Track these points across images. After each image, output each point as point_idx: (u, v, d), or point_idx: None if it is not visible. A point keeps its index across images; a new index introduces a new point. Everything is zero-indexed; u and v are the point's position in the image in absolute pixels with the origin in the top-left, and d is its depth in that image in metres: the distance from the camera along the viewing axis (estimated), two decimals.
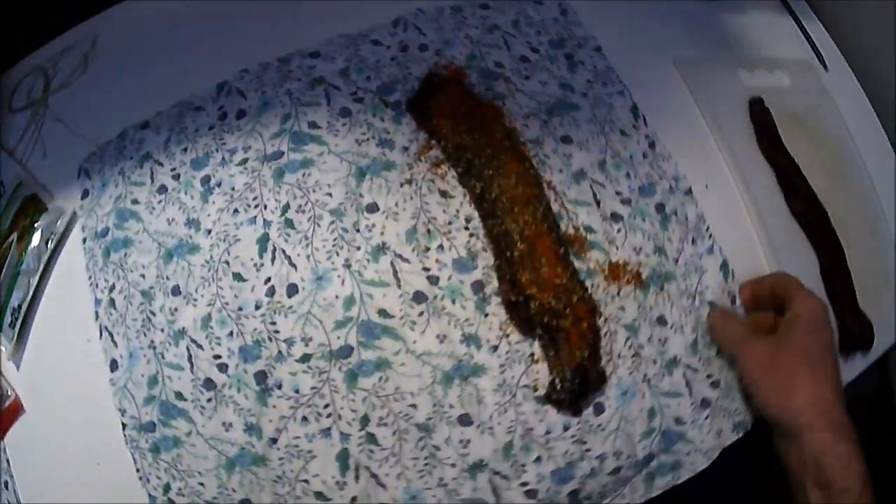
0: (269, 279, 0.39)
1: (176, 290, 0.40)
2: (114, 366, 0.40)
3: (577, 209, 0.40)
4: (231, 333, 0.38)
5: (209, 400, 0.38)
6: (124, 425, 0.39)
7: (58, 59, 0.54)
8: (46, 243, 0.47)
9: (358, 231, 0.39)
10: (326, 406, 0.37)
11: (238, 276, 0.39)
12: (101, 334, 0.41)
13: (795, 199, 0.46)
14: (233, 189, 0.41)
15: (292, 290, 0.38)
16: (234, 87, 0.45)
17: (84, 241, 0.45)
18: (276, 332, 0.38)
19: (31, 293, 0.46)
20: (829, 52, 0.54)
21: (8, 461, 0.42)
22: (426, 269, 0.38)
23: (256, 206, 0.41)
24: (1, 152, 0.52)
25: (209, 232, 0.41)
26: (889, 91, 0.52)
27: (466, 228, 0.39)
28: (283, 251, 0.39)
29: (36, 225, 0.48)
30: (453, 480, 0.36)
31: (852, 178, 0.50)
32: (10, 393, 0.45)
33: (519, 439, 0.37)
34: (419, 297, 0.38)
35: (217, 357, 0.38)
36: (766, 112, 0.47)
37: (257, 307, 0.38)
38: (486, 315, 0.38)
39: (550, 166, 0.41)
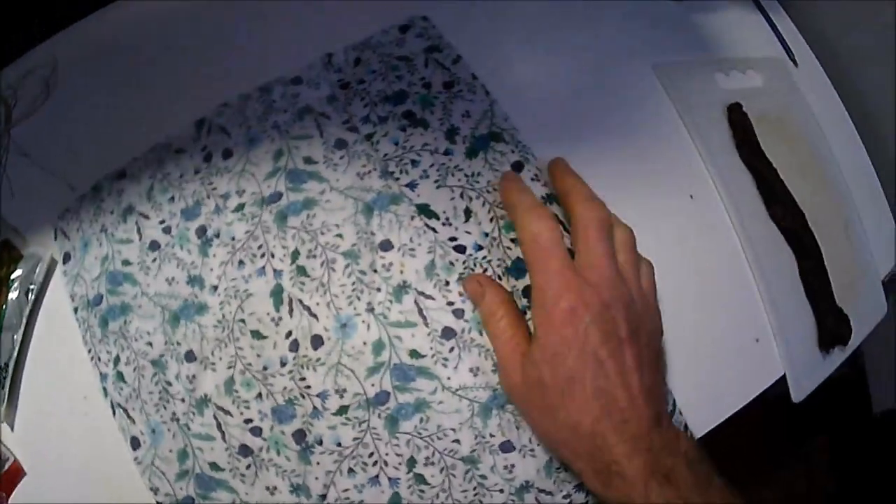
0: (290, 333, 0.37)
1: (190, 356, 0.38)
2: (135, 443, 0.38)
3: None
4: (259, 395, 0.37)
5: (248, 466, 0.36)
6: None
7: (17, 86, 0.49)
8: (27, 295, 0.44)
9: (375, 272, 0.38)
10: (371, 454, 0.36)
11: (257, 334, 0.37)
12: (113, 412, 0.39)
13: (775, 204, 0.46)
14: (233, 239, 0.39)
15: (317, 341, 0.37)
16: (214, 123, 0.42)
17: (76, 310, 0.42)
18: (308, 387, 0.37)
19: (16, 350, 0.43)
20: (798, 48, 0.54)
21: None
22: (450, 304, 0.37)
23: (263, 256, 0.38)
24: None
25: (215, 289, 0.38)
26: (858, 84, 0.53)
27: (485, 257, 0.38)
28: (301, 301, 0.37)
29: (13, 276, 0.44)
30: None
31: (825, 176, 0.51)
32: (7, 456, 0.43)
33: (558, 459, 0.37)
34: (448, 332, 0.37)
35: (248, 421, 0.37)
36: (744, 117, 0.47)
37: (283, 364, 0.37)
38: None
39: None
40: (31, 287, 0.44)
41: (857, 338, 0.48)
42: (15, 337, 0.44)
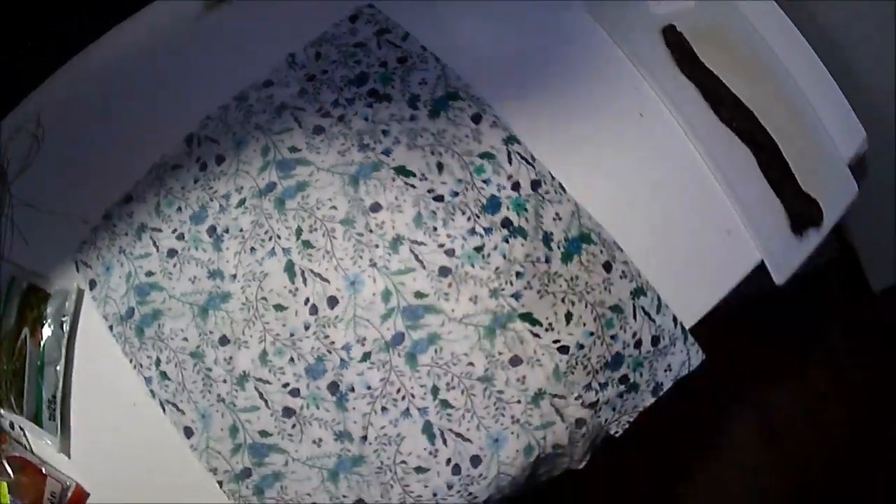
0: (307, 299, 0.42)
1: (224, 340, 0.42)
2: (188, 433, 0.43)
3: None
4: (291, 359, 0.41)
5: (293, 426, 0.41)
6: (220, 482, 0.42)
7: (5, 148, 0.53)
8: (61, 327, 0.48)
9: (371, 231, 0.42)
10: (398, 391, 0.41)
11: (279, 307, 0.42)
12: (164, 409, 0.43)
13: (723, 109, 0.51)
14: (241, 231, 0.44)
15: (332, 301, 0.41)
16: (202, 136, 0.47)
17: (111, 328, 0.46)
18: (332, 343, 0.41)
19: (61, 381, 0.47)
20: None
21: None
22: (441, 246, 0.42)
23: (270, 239, 0.43)
24: None
25: (234, 277, 0.43)
26: None
27: (462, 201, 0.43)
28: (311, 270, 0.42)
29: (45, 314, 0.48)
30: (523, 414, 0.41)
31: (770, 73, 0.55)
32: (68, 483, 0.46)
33: (563, 363, 0.41)
34: (444, 270, 0.42)
35: (286, 385, 0.41)
36: (679, 36, 0.52)
37: (306, 328, 0.41)
38: None
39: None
40: (64, 319, 0.48)
41: (831, 219, 0.52)
42: (58, 369, 0.47)
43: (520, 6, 0.51)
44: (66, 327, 0.48)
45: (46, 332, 0.48)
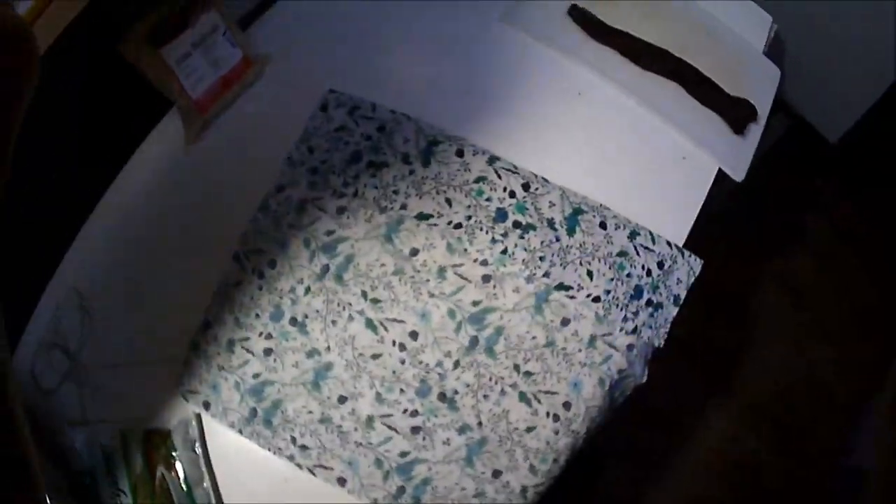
0: (394, 341, 0.52)
1: (342, 399, 0.52)
2: (342, 482, 0.52)
3: None
4: (402, 390, 0.51)
5: (423, 438, 0.51)
6: None
7: (57, 327, 0.58)
8: (194, 450, 0.55)
9: (418, 272, 0.52)
10: (490, 378, 0.51)
11: (375, 356, 0.52)
12: (313, 473, 0.52)
13: (641, 58, 0.63)
14: (318, 311, 0.53)
15: (414, 335, 0.52)
16: (246, 251, 0.55)
17: (240, 432, 0.54)
18: (427, 365, 0.51)
19: (212, 495, 0.54)
20: None
21: None
22: (475, 260, 0.53)
23: (344, 309, 0.53)
24: (76, 430, 0.57)
25: (329, 348, 0.52)
26: None
27: (476, 222, 0.54)
28: (387, 318, 0.52)
29: (173, 447, 0.55)
30: (587, 358, 0.52)
31: (666, 5, 0.65)
32: None
33: (600, 309, 0.53)
34: (486, 278, 0.52)
35: (405, 411, 0.51)
36: (582, 11, 0.63)
37: (402, 362, 0.51)
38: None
39: None
40: (195, 441, 0.56)
41: (764, 108, 0.63)
42: (205, 486, 0.55)
43: (444, 37, 0.62)
44: (198, 450, 0.55)
45: (181, 460, 0.55)
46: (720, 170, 0.60)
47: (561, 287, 0.52)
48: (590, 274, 0.53)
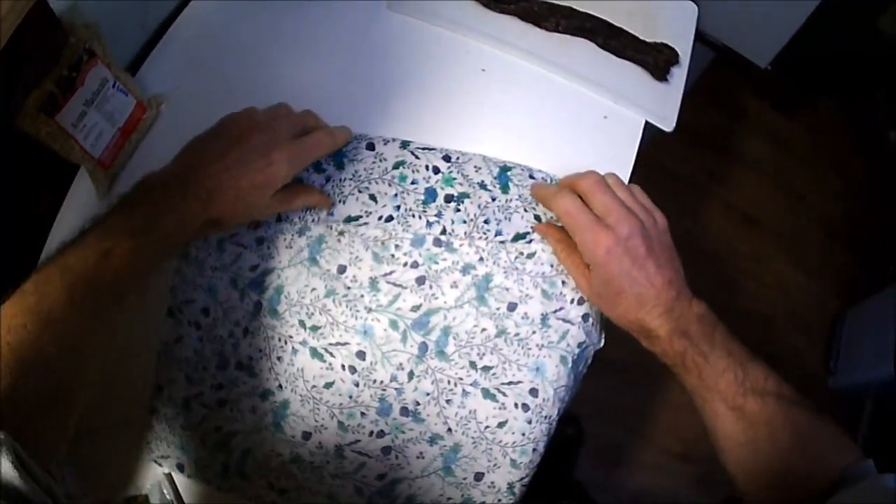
0: (343, 365, 0.50)
1: (306, 436, 0.50)
2: None
3: None
4: (362, 413, 0.50)
5: (396, 456, 0.50)
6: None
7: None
8: None
9: (349, 288, 0.50)
10: (448, 381, 0.49)
11: (328, 385, 0.50)
12: None
13: (543, 21, 0.58)
14: (260, 351, 0.51)
15: (361, 355, 0.49)
16: (177, 304, 0.53)
17: (218, 488, 0.52)
18: (381, 382, 0.49)
19: None
20: None
21: None
22: (405, 264, 0.50)
23: (286, 343, 0.50)
24: None
25: (281, 387, 0.50)
26: None
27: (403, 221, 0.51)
28: (331, 344, 0.50)
29: None
30: (543, 339, 0.50)
31: None
32: None
33: (548, 286, 0.50)
34: (420, 280, 0.50)
35: (371, 433, 0.50)
36: None
37: (356, 384, 0.50)
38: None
39: None
40: (170, 499, 0.56)
41: (685, 49, 0.59)
42: None
43: (333, 37, 0.58)
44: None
45: None
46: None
47: (517, 237, 0.50)
48: (537, 218, 0.51)
